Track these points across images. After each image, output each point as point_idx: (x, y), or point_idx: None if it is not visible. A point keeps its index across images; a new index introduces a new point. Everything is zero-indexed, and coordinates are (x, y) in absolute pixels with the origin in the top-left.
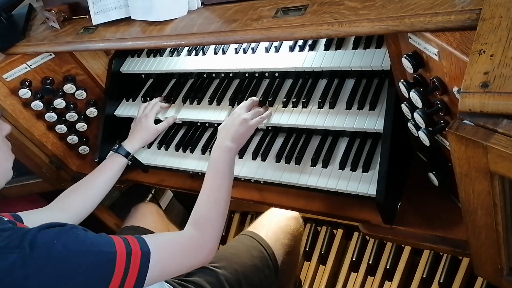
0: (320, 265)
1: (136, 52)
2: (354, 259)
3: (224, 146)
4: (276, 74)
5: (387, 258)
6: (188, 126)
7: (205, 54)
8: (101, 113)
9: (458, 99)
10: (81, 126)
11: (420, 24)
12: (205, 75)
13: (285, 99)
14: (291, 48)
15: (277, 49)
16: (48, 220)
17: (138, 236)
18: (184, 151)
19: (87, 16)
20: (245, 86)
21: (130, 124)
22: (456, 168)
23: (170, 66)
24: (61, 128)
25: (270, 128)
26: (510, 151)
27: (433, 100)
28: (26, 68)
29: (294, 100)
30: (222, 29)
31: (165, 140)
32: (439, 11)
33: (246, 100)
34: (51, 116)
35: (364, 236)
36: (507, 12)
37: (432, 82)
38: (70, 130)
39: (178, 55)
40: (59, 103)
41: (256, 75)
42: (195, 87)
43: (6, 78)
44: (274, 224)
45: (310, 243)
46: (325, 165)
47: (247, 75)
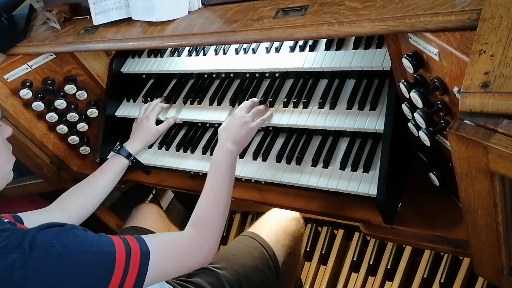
0: (321, 266)
1: (137, 53)
2: (355, 259)
3: (226, 148)
4: (277, 75)
5: (388, 258)
6: (189, 127)
7: (206, 55)
8: (102, 114)
9: (459, 99)
10: (82, 127)
11: (421, 24)
12: (206, 76)
13: (286, 100)
14: (292, 49)
15: (278, 50)
16: (49, 221)
17: (138, 236)
18: (185, 152)
19: (88, 17)
20: (246, 87)
21: (131, 125)
22: (457, 168)
23: (171, 67)
24: (62, 129)
25: (271, 129)
26: (510, 151)
27: (434, 100)
28: (27, 69)
29: (295, 101)
30: (223, 30)
31: (166, 141)
32: (440, 11)
33: (247, 101)
34: (52, 117)
35: (365, 237)
36: (507, 12)
37: (433, 82)
38: (71, 131)
39: (179, 56)
40: (60, 104)
41: (257, 76)
42: (196, 88)
43: (7, 79)
44: (275, 225)
45: (311, 244)
46: (326, 165)
47: (248, 76)
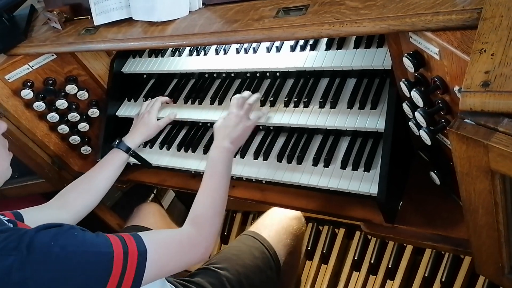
0: (322, 265)
1: (138, 53)
2: (356, 258)
3: (222, 147)
4: (278, 74)
5: (389, 257)
6: (190, 126)
7: (207, 54)
8: (103, 114)
9: (459, 98)
10: (83, 127)
11: (421, 24)
12: (207, 75)
13: (287, 99)
14: (293, 48)
15: (279, 49)
16: (49, 219)
17: (135, 234)
18: (186, 151)
19: (89, 17)
20: (247, 86)
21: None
22: (457, 167)
23: (172, 67)
24: (63, 129)
25: (272, 128)
26: (511, 150)
27: (434, 100)
28: (28, 69)
29: (296, 100)
30: (224, 29)
31: (167, 140)
32: (440, 11)
33: (238, 98)
34: (53, 117)
35: (366, 236)
36: (508, 12)
37: (433, 82)
38: (72, 131)
39: (180, 56)
40: (61, 104)
41: (258, 75)
42: (197, 87)
43: (8, 79)
44: (277, 225)
45: (312, 243)
46: (327, 165)
47: (249, 75)
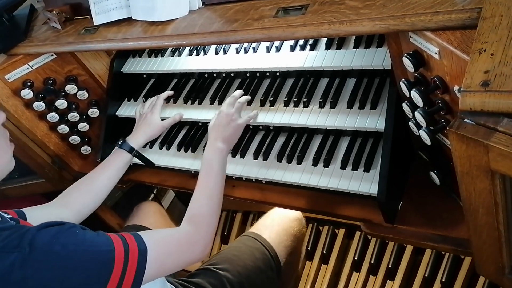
0: (322, 265)
1: (138, 52)
2: (356, 259)
3: (216, 147)
4: (277, 74)
5: (389, 258)
6: (190, 126)
7: (206, 54)
8: (103, 114)
9: (459, 98)
10: (83, 127)
11: (421, 23)
12: (207, 75)
13: (286, 99)
14: (292, 48)
15: (278, 49)
16: (51, 218)
17: (135, 233)
18: (186, 151)
19: (89, 17)
20: (246, 86)
21: (132, 124)
22: (457, 167)
23: (172, 66)
24: (63, 129)
25: (272, 128)
26: (511, 150)
27: (434, 99)
28: (28, 69)
29: (295, 100)
30: (223, 29)
31: (167, 140)
32: (440, 10)
33: (230, 98)
34: (53, 117)
35: (366, 236)
36: (508, 11)
37: (433, 81)
38: (72, 131)
39: (180, 55)
40: (61, 104)
41: (257, 75)
42: (197, 87)
43: (8, 79)
44: (277, 226)
45: (312, 243)
46: (327, 165)
47: (248, 75)
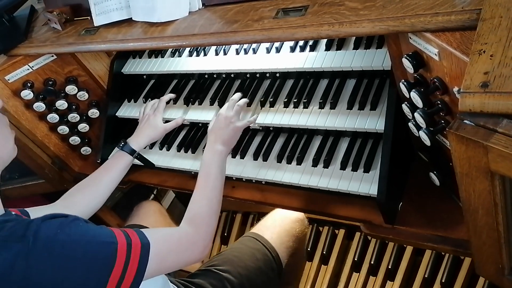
0: (322, 265)
1: (138, 53)
2: (356, 259)
3: (215, 149)
4: (277, 75)
5: (389, 258)
6: (190, 127)
7: (206, 55)
8: (103, 114)
9: (459, 99)
10: (83, 127)
11: (421, 25)
12: (207, 76)
13: (286, 100)
14: (292, 49)
15: (278, 50)
16: None
17: (137, 229)
18: (186, 152)
19: (89, 18)
20: (246, 87)
21: (132, 125)
22: (457, 168)
23: (172, 67)
24: (63, 129)
25: (271, 129)
26: (510, 151)
27: (434, 100)
28: (28, 70)
29: (295, 101)
30: (223, 30)
31: (167, 141)
32: (439, 11)
33: (229, 101)
34: (53, 117)
35: (366, 236)
36: (507, 12)
37: (433, 82)
38: (72, 131)
39: (180, 56)
40: (61, 104)
41: (257, 76)
42: (197, 88)
43: (8, 80)
44: (279, 226)
45: (312, 243)
46: (327, 165)
47: (248, 76)
